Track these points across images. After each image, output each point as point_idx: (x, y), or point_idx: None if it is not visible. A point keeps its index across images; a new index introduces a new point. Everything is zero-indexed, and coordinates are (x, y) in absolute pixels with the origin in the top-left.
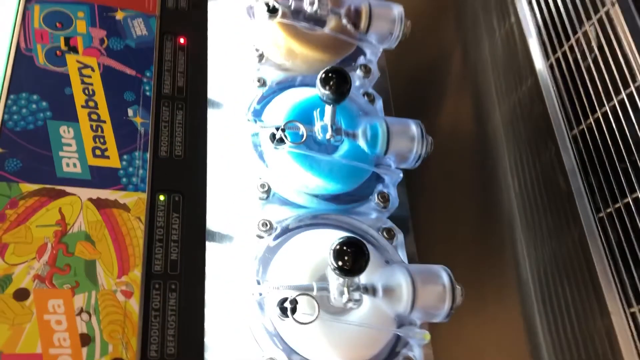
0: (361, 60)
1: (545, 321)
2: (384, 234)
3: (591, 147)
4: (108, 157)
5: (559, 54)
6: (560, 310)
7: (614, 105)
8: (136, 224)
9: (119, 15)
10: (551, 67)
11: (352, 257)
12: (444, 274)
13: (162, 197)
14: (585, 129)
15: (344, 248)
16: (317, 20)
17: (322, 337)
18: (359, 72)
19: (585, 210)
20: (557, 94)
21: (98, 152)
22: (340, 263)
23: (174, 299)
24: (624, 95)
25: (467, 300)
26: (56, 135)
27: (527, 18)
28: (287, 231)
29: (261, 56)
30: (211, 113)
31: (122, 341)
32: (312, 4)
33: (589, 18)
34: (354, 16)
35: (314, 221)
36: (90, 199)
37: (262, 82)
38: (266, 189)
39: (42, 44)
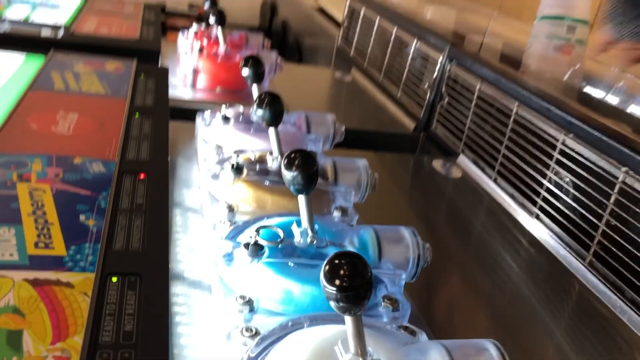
0: (335, 204)
1: None
2: (402, 330)
3: (613, 262)
4: (53, 248)
5: (540, 202)
6: None
7: (612, 210)
8: (80, 297)
9: (77, 160)
10: (537, 217)
11: (350, 268)
12: (491, 347)
13: (114, 279)
14: (598, 250)
15: (336, 261)
16: None
17: None
18: (335, 213)
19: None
20: (555, 236)
21: (41, 245)
22: (337, 282)
23: None
24: (615, 195)
25: None
26: None
27: (497, 190)
28: (278, 333)
29: (230, 208)
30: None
31: None
32: (275, 159)
33: (550, 157)
34: (321, 171)
35: (311, 322)
36: (26, 279)
37: (234, 222)
38: (247, 299)
39: None
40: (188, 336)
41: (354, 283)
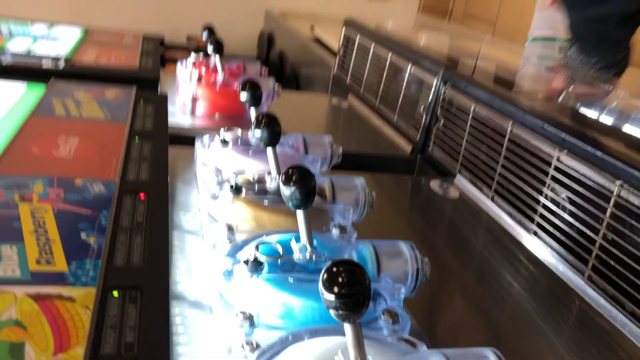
0: (334, 222)
1: None
2: (402, 343)
3: (612, 275)
4: (54, 264)
5: (537, 219)
6: None
7: (608, 223)
8: (82, 310)
9: (78, 181)
10: (535, 234)
11: (348, 276)
12: (492, 355)
13: (115, 293)
14: (597, 264)
15: (334, 269)
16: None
17: None
18: (334, 231)
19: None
20: (553, 251)
21: (43, 261)
22: (336, 289)
23: None
24: (611, 208)
25: None
26: None
27: (494, 209)
28: (279, 346)
29: (230, 227)
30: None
31: None
32: (273, 179)
33: (546, 174)
34: (319, 190)
35: (311, 335)
36: (28, 294)
37: (233, 241)
38: (247, 315)
39: None
40: (189, 356)
41: (352, 290)
